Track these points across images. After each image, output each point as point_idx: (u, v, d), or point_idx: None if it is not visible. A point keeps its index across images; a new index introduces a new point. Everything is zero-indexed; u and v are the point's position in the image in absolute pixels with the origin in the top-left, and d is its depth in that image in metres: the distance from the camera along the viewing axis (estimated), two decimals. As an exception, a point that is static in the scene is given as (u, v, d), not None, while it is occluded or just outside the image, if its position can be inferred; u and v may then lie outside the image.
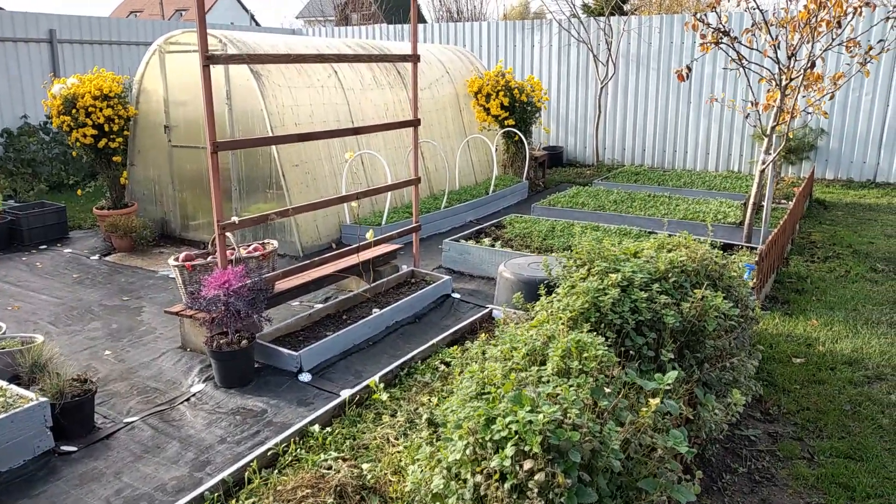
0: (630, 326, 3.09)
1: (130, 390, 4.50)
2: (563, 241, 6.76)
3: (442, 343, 4.50)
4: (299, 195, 7.36)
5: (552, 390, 2.23)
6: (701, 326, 3.23)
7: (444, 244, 6.87)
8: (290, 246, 7.40)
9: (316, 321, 5.25)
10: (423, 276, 6.21)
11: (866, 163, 11.28)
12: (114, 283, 6.71)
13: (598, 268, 3.40)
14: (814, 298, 5.86)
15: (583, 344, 2.55)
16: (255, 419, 4.09)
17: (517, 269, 5.15)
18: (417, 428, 3.39)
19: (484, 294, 6.14)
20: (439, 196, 9.16)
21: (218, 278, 4.30)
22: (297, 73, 7.71)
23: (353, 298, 5.57)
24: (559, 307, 3.18)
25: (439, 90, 10.06)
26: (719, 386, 3.28)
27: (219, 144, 4.35)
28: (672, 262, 3.46)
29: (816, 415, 3.93)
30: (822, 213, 9.34)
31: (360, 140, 8.31)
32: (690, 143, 12.43)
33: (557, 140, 13.60)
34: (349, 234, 7.72)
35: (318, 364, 4.67)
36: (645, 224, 7.72)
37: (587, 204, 8.49)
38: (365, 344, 5.03)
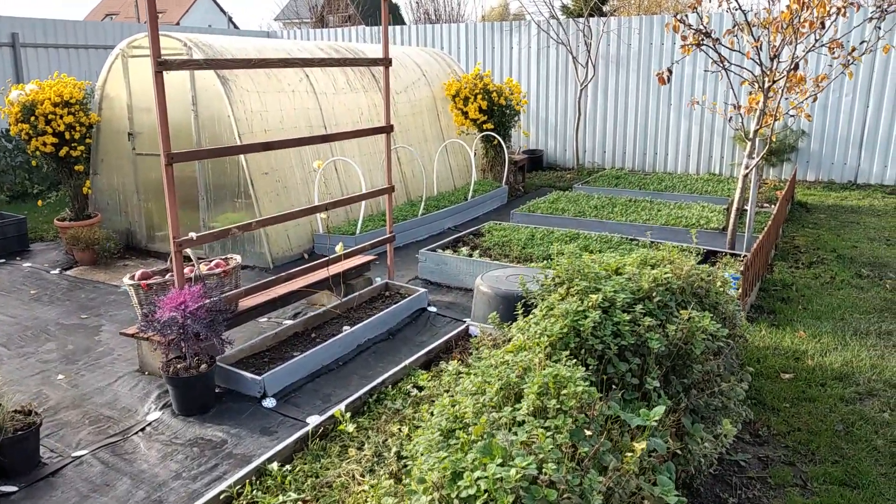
0: (612, 352, 2.87)
1: (82, 419, 4.20)
2: (542, 250, 6.54)
3: (414, 364, 4.25)
4: (269, 204, 7.08)
5: (526, 437, 1.99)
6: (688, 350, 3.01)
7: (420, 254, 6.63)
8: (260, 257, 7.12)
9: (283, 340, 4.98)
10: (397, 289, 5.95)
11: (847, 164, 11.20)
12: (73, 300, 6.38)
13: (577, 287, 3.17)
14: (800, 307, 5.69)
15: (561, 379, 2.31)
16: (214, 451, 3.82)
17: (495, 283, 4.92)
18: (386, 463, 3.14)
19: (461, 307, 5.91)
20: (417, 202, 8.92)
21: (173, 299, 4.02)
22: (266, 77, 7.43)
23: (322, 315, 5.30)
24: (536, 331, 2.94)
25: (416, 93, 9.81)
26: (708, 412, 3.07)
27: (174, 156, 4.07)
28: (656, 279, 3.24)
29: (808, 436, 3.73)
30: (804, 217, 9.21)
31: (333, 146, 8.05)
32: (671, 145, 12.29)
33: (537, 143, 13.41)
34: (322, 244, 7.45)
35: (284, 388, 4.40)
36: (626, 230, 7.52)
37: (567, 210, 8.28)
38: (334, 364, 4.77)
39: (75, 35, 12.23)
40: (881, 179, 11.00)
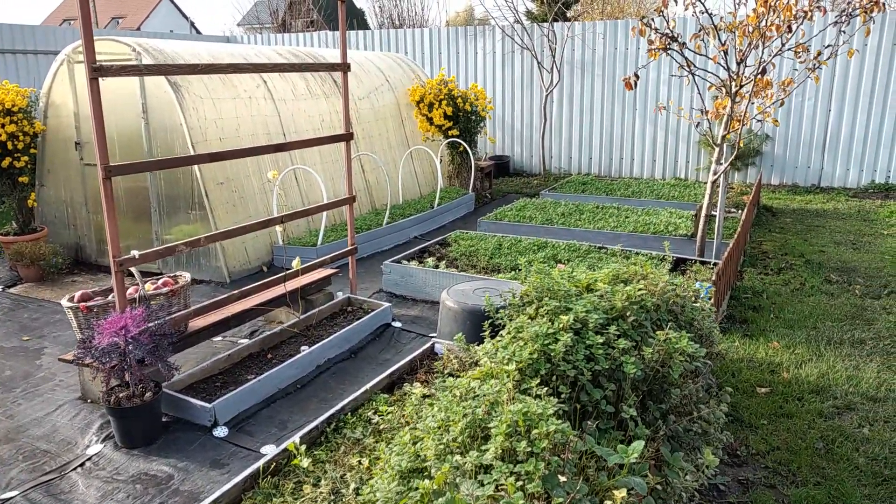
0: (586, 378, 2.67)
1: (16, 455, 3.87)
2: (510, 260, 6.35)
3: (376, 388, 4.01)
4: (225, 215, 6.77)
5: (493, 490, 1.77)
6: (665, 373, 2.83)
7: (385, 266, 6.38)
8: (217, 272, 6.80)
9: (237, 362, 4.69)
10: (360, 304, 5.70)
11: (811, 168, 11.26)
12: (15, 320, 5.99)
13: (547, 307, 2.97)
14: (772, 316, 5.58)
15: (532, 416, 2.10)
16: (159, 488, 3.52)
17: (461, 298, 4.70)
18: (344, 502, 2.90)
19: (428, 321, 5.68)
20: (381, 211, 8.67)
21: (113, 323, 3.71)
22: (221, 83, 7.12)
23: (280, 333, 5.03)
24: (504, 357, 2.73)
25: (379, 99, 9.57)
26: (687, 438, 2.89)
27: (112, 169, 3.77)
28: (630, 297, 3.06)
29: (788, 455, 3.58)
30: (771, 221, 9.19)
31: (294, 154, 7.77)
32: (637, 150, 12.24)
33: (503, 149, 13.26)
34: (282, 257, 7.16)
35: (237, 415, 4.12)
36: (595, 238, 7.38)
37: (535, 218, 8.11)
38: (292, 387, 4.50)
39: (23, 40, 11.71)
40: (844, 183, 11.08)
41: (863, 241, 8.02)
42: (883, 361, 4.66)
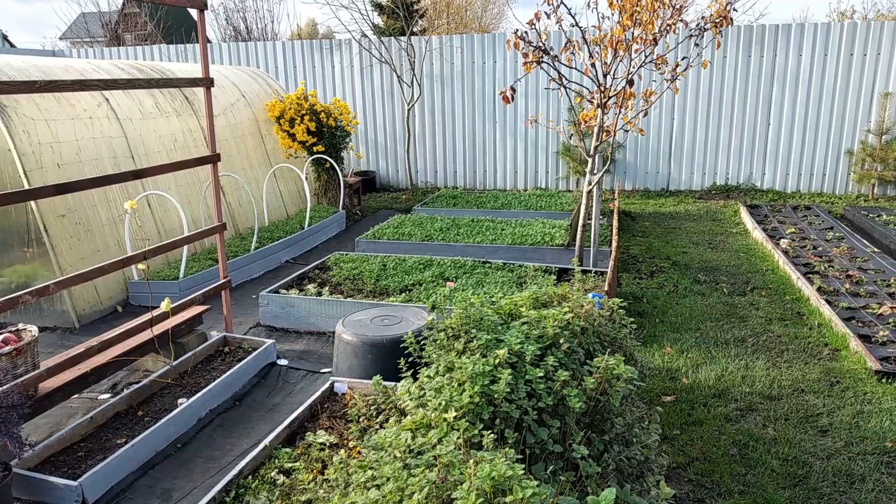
0: (531, 418, 2.45)
1: None
2: (398, 281, 6.07)
3: (276, 442, 3.56)
4: (69, 251, 5.93)
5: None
6: (605, 402, 2.68)
7: (262, 297, 5.86)
8: (62, 316, 5.93)
9: (102, 424, 4.03)
10: (238, 343, 5.16)
11: (659, 173, 11.96)
12: None
13: (479, 341, 2.72)
14: (657, 321, 5.72)
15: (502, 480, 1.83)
16: None
17: (360, 329, 4.35)
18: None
19: (317, 355, 5.26)
20: (247, 235, 8.07)
21: (-58, 400, 3.01)
22: (56, 102, 6.26)
23: (150, 386, 4.40)
24: (441, 402, 2.45)
25: (236, 116, 8.94)
26: (630, 467, 2.75)
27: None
28: (560, 323, 2.89)
29: (707, 466, 3.59)
30: (632, 225, 9.60)
31: (143, 181, 6.99)
32: (500, 162, 12.41)
33: (369, 164, 12.96)
34: (138, 293, 6.41)
35: (109, 489, 3.50)
36: (476, 252, 7.29)
37: (413, 234, 7.89)
38: (171, 448, 3.92)
39: None
40: (689, 186, 11.86)
41: (717, 241, 8.55)
42: (768, 359, 4.89)
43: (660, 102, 11.58)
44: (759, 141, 11.36)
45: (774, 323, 5.62)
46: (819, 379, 4.55)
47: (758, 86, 11.13)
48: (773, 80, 11.05)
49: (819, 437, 3.85)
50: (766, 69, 11.03)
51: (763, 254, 7.83)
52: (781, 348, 5.08)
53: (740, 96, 11.23)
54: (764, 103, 11.17)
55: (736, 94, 11.23)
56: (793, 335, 5.33)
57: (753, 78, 11.11)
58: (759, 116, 11.24)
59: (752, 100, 11.20)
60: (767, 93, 11.12)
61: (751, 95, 11.19)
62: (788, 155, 11.30)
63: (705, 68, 6.43)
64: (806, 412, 4.12)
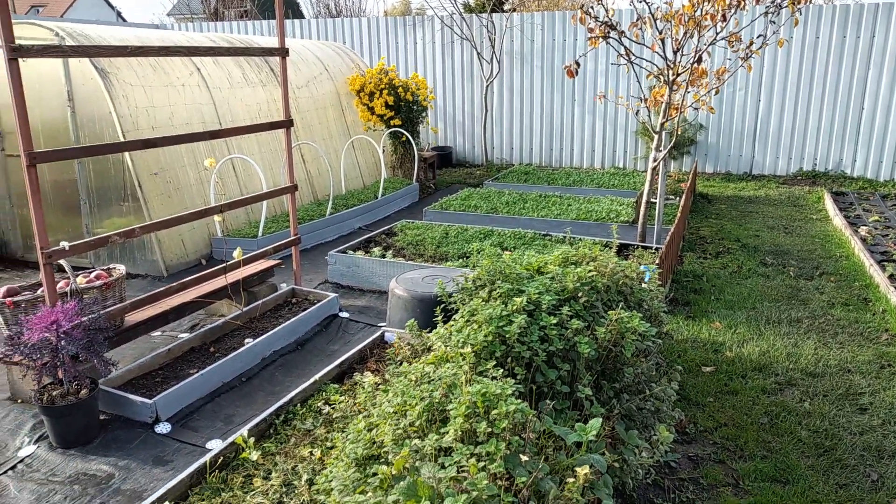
0: (541, 359, 2.65)
1: (-63, 461, 3.62)
2: (458, 248, 6.32)
3: (326, 378, 3.91)
4: (160, 207, 6.51)
5: (456, 472, 1.73)
6: (618, 352, 2.84)
7: (330, 256, 6.26)
8: (153, 265, 6.54)
9: (178, 357, 4.51)
10: (305, 295, 5.57)
11: (742, 156, 11.63)
12: (-69, 321, 5.61)
13: (500, 290, 2.94)
14: (712, 298, 5.73)
15: (490, 397, 2.07)
16: (99, 488, 3.35)
17: (410, 286, 4.64)
18: (297, 493, 2.81)
19: (376, 310, 5.60)
20: (323, 202, 8.51)
21: (44, 318, 3.50)
22: (152, 70, 6.84)
23: (222, 327, 4.86)
24: (459, 340, 2.69)
25: (318, 88, 9.38)
26: (641, 416, 2.91)
27: (37, 156, 3.55)
28: (581, 279, 3.06)
29: (735, 431, 3.67)
30: (707, 207, 9.45)
31: (230, 144, 7.53)
32: (577, 140, 12.39)
33: (446, 140, 13.23)
34: (220, 249, 6.94)
35: (180, 410, 3.96)
36: (539, 226, 7.43)
37: (480, 207, 8.11)
38: (237, 381, 4.36)
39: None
40: (774, 170, 11.48)
41: (794, 226, 8.33)
42: (819, 339, 4.84)
43: (746, 83, 11.24)
44: (850, 125, 10.85)
45: (837, 307, 5.52)
46: (869, 361, 4.49)
47: (852, 67, 10.62)
48: (869, 62, 10.51)
49: (856, 414, 3.85)
50: (863, 50, 10.50)
51: (840, 240, 7.59)
52: (836, 330, 5.01)
53: (832, 78, 10.74)
54: (858, 85, 10.65)
55: (828, 76, 10.76)
56: (853, 319, 5.24)
57: (848, 58, 10.60)
58: (852, 99, 10.73)
59: (846, 81, 10.70)
60: (863, 74, 10.59)
61: (844, 77, 10.69)
62: (883, 141, 10.74)
63: (781, 46, 6.27)
64: (847, 390, 4.10)
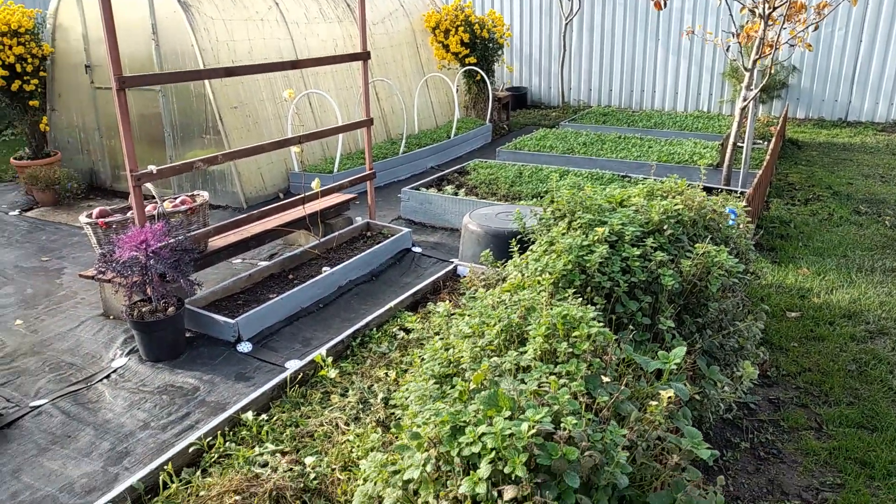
0: (622, 290, 2.59)
1: (42, 367, 3.89)
2: (532, 188, 6.23)
3: (401, 306, 3.97)
4: (239, 140, 6.64)
5: (536, 386, 1.71)
6: (703, 287, 2.75)
7: (403, 193, 6.28)
8: (233, 197, 6.72)
9: (258, 282, 4.65)
10: (379, 229, 5.63)
11: (838, 101, 10.91)
12: (33, 242, 5.98)
13: (580, 220, 2.87)
14: (800, 244, 5.47)
15: (571, 319, 2.03)
16: (185, 399, 3.53)
17: (484, 221, 4.61)
18: (372, 410, 2.88)
19: (447, 247, 5.61)
20: (397, 140, 8.50)
21: (134, 237, 3.66)
22: (231, 3, 6.89)
23: (300, 255, 4.98)
24: (537, 268, 2.65)
25: (394, 25, 9.27)
26: (722, 354, 2.83)
27: (126, 80, 3.65)
28: (667, 211, 2.95)
29: (820, 377, 3.53)
30: (796, 154, 8.96)
31: (307, 80, 7.57)
32: (659, 82, 11.88)
33: (521, 80, 12.93)
34: (298, 184, 7.06)
35: (260, 332, 4.11)
36: (617, 167, 7.22)
37: (555, 147, 7.94)
38: (314, 307, 4.47)
39: (28, -38, 11.36)
40: (872, 117, 10.74)
41: (892, 175, 7.81)
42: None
43: (845, 22, 10.45)
44: (964, 67, 9.98)
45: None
46: (972, 314, 4.22)
47: (972, 3, 9.70)
48: None
49: (954, 367, 3.63)
50: None
51: (944, 190, 7.08)
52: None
53: (948, 15, 9.86)
54: (977, 23, 9.74)
55: (942, 13, 9.87)
56: (955, 271, 4.91)
57: (967, -7, 9.68)
58: (968, 39, 9.84)
59: (963, 19, 9.80)
60: (983, 11, 9.67)
61: (961, 14, 9.79)
62: None
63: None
64: (946, 342, 3.87)
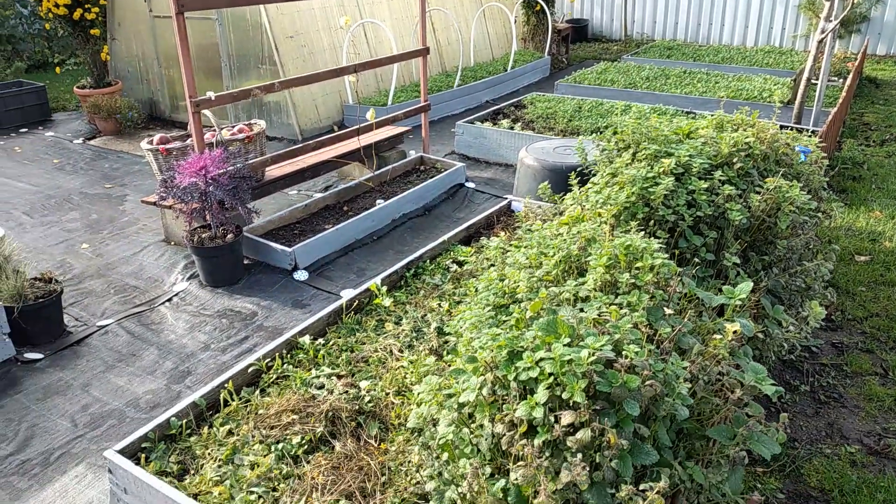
0: (686, 224, 2.50)
1: (107, 289, 4.04)
2: (591, 123, 6.04)
3: (454, 239, 3.95)
4: (295, 71, 6.61)
5: (596, 315, 1.67)
6: (771, 224, 2.63)
7: (457, 127, 6.18)
8: (288, 129, 6.74)
9: (313, 213, 4.69)
10: (433, 163, 5.57)
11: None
12: (96, 170, 6.14)
13: (646, 151, 2.76)
14: (873, 187, 5.20)
15: (635, 250, 1.97)
16: (244, 323, 3.63)
17: (541, 155, 4.50)
18: (426, 339, 2.90)
19: (502, 183, 5.53)
20: (452, 73, 8.33)
21: (193, 164, 3.70)
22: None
23: (354, 188, 4.98)
24: (597, 200, 2.58)
25: (452, -48, 8.95)
26: (787, 294, 2.72)
27: (184, 3, 3.63)
28: (737, 143, 2.81)
29: (888, 322, 3.39)
30: (874, 93, 8.44)
31: (361, 9, 7.42)
32: (728, 15, 11.26)
33: (582, 12, 12.43)
34: (352, 116, 7.02)
35: (316, 261, 4.16)
36: (682, 103, 6.93)
37: (616, 81, 7.66)
38: (368, 238, 4.49)
39: None
40: (962, 53, 10.00)
41: (980, 115, 7.30)
42: None
43: (942, -53, 9.63)
44: None
45: None
46: None
47: None
48: None
49: None
50: None
51: None
52: None
53: None
54: None
55: None
56: None
57: None
58: None
59: None
60: None
61: None
62: None
63: None
64: None
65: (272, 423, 2.50)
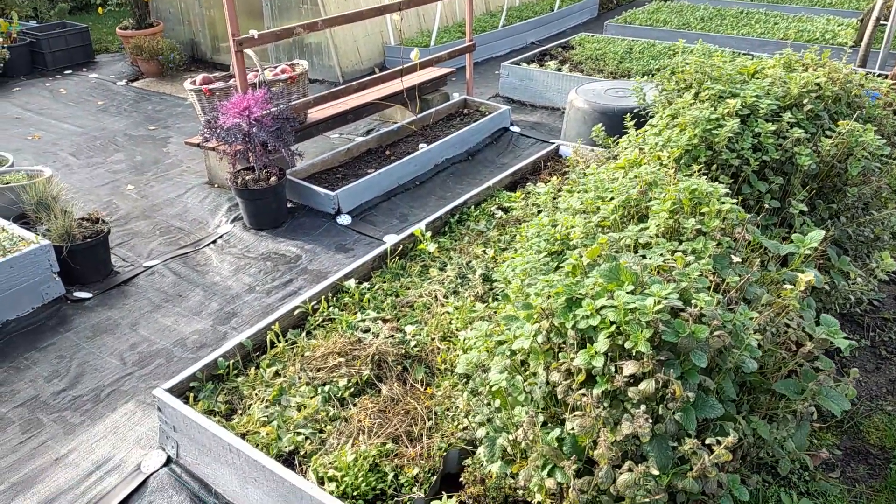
0: (751, 169, 2.37)
1: (153, 230, 4.07)
2: (643, 65, 5.80)
3: (499, 185, 3.85)
4: (336, 10, 6.44)
5: (661, 262, 1.58)
6: (841, 170, 2.48)
7: (502, 68, 5.99)
8: (329, 71, 6.63)
9: (356, 157, 4.63)
10: (477, 106, 5.43)
11: None
12: (140, 111, 6.15)
13: (709, 91, 2.61)
14: (944, 135, 4.90)
15: (700, 195, 1.86)
16: (288, 266, 3.62)
17: (592, 97, 4.33)
18: (471, 285, 2.85)
19: (548, 127, 5.37)
20: (496, 13, 8.07)
21: (236, 104, 3.65)
22: None
23: (397, 132, 4.89)
24: (656, 143, 2.45)
25: None
26: (853, 245, 2.58)
27: (227, -66, 3.51)
28: (807, 84, 2.63)
29: (957, 278, 3.22)
30: (946, 35, 7.91)
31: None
32: (790, -50, 10.61)
33: (632, -51, 11.86)
34: (394, 58, 6.87)
35: (359, 205, 4.11)
36: (738, 45, 6.60)
37: (669, 21, 7.32)
38: (411, 183, 4.42)
39: None
40: None
41: None
42: None
43: None
44: None
45: None
46: None
47: None
48: None
49: None
50: None
51: None
52: None
53: None
54: None
55: None
56: None
57: None
58: None
59: None
60: None
61: None
62: None
63: None
64: None
65: (318, 366, 2.49)
